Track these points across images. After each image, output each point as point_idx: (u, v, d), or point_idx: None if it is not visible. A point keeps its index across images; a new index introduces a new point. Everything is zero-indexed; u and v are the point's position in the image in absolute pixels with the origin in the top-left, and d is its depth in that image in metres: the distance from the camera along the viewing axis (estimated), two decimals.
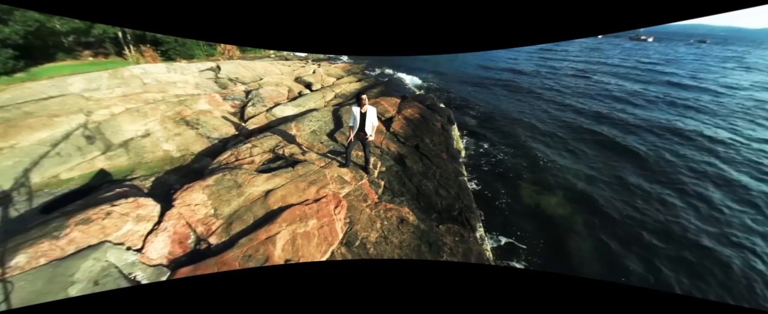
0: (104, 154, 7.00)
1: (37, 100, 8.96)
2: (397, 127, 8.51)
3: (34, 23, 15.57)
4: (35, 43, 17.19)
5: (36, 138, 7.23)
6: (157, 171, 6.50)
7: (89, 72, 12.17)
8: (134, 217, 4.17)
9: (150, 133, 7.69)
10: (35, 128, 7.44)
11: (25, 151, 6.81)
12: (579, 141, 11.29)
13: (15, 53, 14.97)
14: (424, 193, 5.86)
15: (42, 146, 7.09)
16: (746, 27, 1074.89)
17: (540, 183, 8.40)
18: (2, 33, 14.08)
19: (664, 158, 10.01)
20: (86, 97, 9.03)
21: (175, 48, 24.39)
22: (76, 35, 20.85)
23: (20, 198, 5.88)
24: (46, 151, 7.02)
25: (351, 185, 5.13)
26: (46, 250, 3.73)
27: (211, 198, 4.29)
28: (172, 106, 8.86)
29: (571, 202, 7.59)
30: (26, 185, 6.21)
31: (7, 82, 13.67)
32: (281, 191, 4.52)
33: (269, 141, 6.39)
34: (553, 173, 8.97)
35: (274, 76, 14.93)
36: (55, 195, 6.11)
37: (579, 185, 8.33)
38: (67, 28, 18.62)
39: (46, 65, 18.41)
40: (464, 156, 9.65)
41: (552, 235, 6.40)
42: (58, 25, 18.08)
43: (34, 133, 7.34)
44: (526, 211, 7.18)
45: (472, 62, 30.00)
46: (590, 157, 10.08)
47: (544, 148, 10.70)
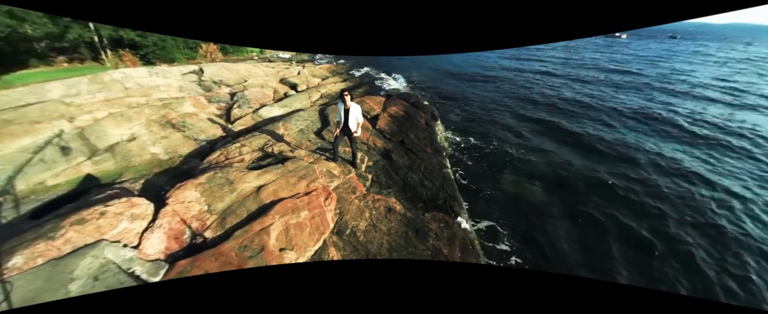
0: (90, 159, 6.98)
1: (15, 107, 8.78)
2: (383, 124, 8.78)
3: (4, 29, 15.05)
4: (6, 49, 16.60)
5: (18, 145, 7.14)
6: (145, 173, 6.55)
7: (66, 78, 11.92)
8: (129, 216, 4.28)
9: (136, 137, 7.69)
10: (16, 135, 7.34)
11: (7, 159, 6.73)
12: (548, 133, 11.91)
13: None
14: (410, 185, 6.15)
15: (25, 153, 7.01)
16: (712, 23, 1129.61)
17: (520, 173, 8.84)
18: None
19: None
20: (67, 103, 8.91)
21: (155, 51, 23.91)
22: (50, 40, 20.19)
23: (6, 205, 5.84)
24: (30, 158, 6.95)
25: (340, 179, 5.36)
26: (43, 251, 3.81)
27: (204, 195, 4.45)
28: (156, 109, 8.85)
29: (548, 190, 8.04)
30: (11, 193, 6.16)
31: None
32: (272, 186, 4.72)
33: (258, 140, 6.55)
34: (531, 163, 9.45)
35: (258, 78, 14.95)
36: (44, 201, 6.09)
37: (554, 173, 8.83)
38: (40, 33, 18.03)
39: (18, 72, 17.78)
40: (448, 149, 10.01)
41: (530, 219, 6.81)
42: (30, 30, 17.50)
43: (15, 140, 7.24)
44: (506, 198, 7.59)
45: (453, 59, 30.68)
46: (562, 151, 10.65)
47: (523, 141, 11.21)
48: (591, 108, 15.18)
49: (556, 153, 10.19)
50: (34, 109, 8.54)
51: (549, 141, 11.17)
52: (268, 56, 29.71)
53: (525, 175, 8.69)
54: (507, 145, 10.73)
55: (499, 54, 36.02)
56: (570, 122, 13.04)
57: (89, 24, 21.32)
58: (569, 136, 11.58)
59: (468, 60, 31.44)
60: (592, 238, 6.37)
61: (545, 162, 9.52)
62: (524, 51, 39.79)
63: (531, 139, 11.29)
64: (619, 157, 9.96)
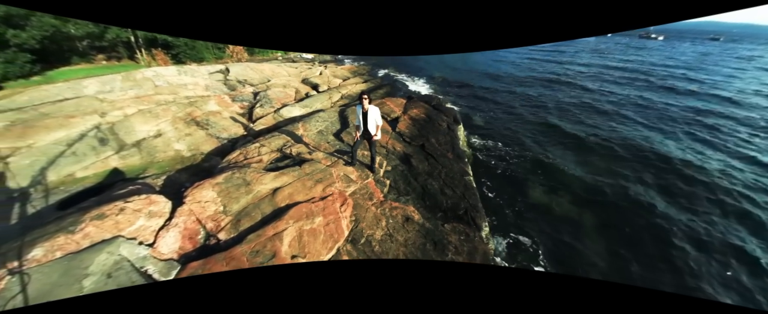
0: (117, 154, 7.19)
1: (53, 102, 9.25)
2: (403, 127, 8.55)
3: (50, 28, 16.05)
4: (51, 48, 17.73)
5: (52, 138, 7.46)
6: (168, 170, 6.65)
7: (103, 75, 12.51)
8: (146, 213, 4.28)
9: (161, 134, 7.87)
10: (52, 129, 7.69)
11: (41, 151, 7.03)
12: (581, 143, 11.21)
13: (32, 57, 15.47)
14: (429, 192, 5.88)
15: (58, 146, 7.31)
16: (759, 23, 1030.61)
17: (548, 184, 8.34)
18: (20, 38, 14.55)
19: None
20: (100, 99, 9.29)
21: (186, 51, 24.90)
22: (90, 39, 21.44)
23: (37, 195, 6.08)
24: (62, 150, 7.24)
25: (357, 184, 5.18)
26: (62, 244, 3.85)
27: (221, 196, 4.39)
28: (182, 107, 9.06)
29: (580, 204, 7.52)
30: (43, 183, 6.41)
31: (25, 85, 14.14)
32: (288, 189, 4.60)
33: (277, 140, 6.49)
34: (561, 174, 8.91)
35: (281, 78, 15.13)
36: (71, 192, 6.30)
37: (589, 188, 8.26)
38: (82, 32, 19.16)
39: (61, 69, 18.97)
40: (470, 155, 9.64)
41: (562, 237, 6.35)
42: (73, 30, 18.61)
43: (50, 133, 7.58)
44: (535, 213, 7.14)
45: (481, 60, 29.99)
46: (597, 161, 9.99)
47: (552, 148, 10.63)
48: (628, 117, 14.22)
49: (591, 164, 9.57)
50: (70, 103, 8.94)
51: (582, 152, 10.53)
52: (292, 57, 30.28)
53: (556, 188, 8.19)
54: (535, 153, 10.21)
55: (529, 56, 34.95)
56: (607, 131, 12.24)
57: None
58: (605, 147, 10.87)
59: (492, 63, 30.67)
60: (633, 265, 5.80)
61: (579, 174, 8.95)
62: (554, 53, 38.41)
63: (562, 149, 10.69)
64: (661, 169, 9.21)
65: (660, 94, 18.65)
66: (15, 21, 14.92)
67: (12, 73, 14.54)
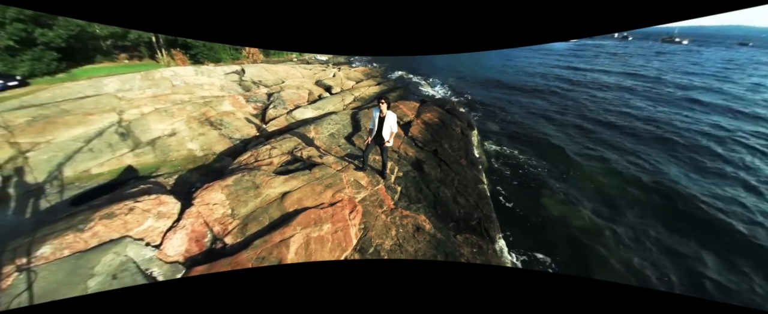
0: (132, 151, 7.28)
1: (74, 99, 9.49)
2: (416, 132, 8.39)
3: (75, 28, 16.63)
4: (76, 46, 18.37)
5: (71, 134, 7.62)
6: (180, 169, 6.68)
7: (124, 73, 12.84)
8: (155, 214, 4.25)
9: (176, 133, 7.94)
10: (71, 125, 7.86)
11: (60, 146, 7.18)
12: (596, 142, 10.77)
13: (58, 55, 16.04)
14: (441, 200, 5.68)
15: (76, 142, 7.46)
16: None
17: (567, 195, 8.01)
18: (47, 37, 15.10)
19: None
20: (119, 97, 9.48)
21: (204, 52, 25.43)
22: (114, 39, 22.14)
23: (52, 190, 6.18)
24: (80, 146, 7.38)
25: (367, 190, 5.04)
26: (71, 242, 3.84)
27: (229, 198, 4.32)
28: (197, 107, 9.15)
29: (601, 216, 7.18)
30: (59, 178, 6.53)
31: (50, 81, 14.66)
32: (297, 194, 4.49)
33: (288, 143, 6.43)
34: (580, 184, 8.55)
35: (295, 80, 15.20)
36: (85, 188, 6.39)
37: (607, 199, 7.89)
38: (106, 32, 19.82)
39: (85, 66, 19.62)
40: (485, 162, 9.38)
41: (583, 253, 6.04)
42: (98, 30, 19.24)
43: (69, 129, 7.74)
44: (554, 226, 6.84)
45: (494, 65, 29.55)
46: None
47: (574, 159, 10.24)
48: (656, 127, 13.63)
49: (615, 174, 9.16)
50: (90, 101, 9.16)
51: (604, 161, 10.10)
52: (307, 58, 30.54)
53: (575, 200, 7.85)
54: (554, 162, 9.85)
55: (546, 62, 34.22)
56: (629, 141, 11.74)
57: None
58: (627, 157, 10.41)
59: (505, 67, 30.16)
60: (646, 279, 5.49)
61: (599, 186, 8.57)
62: (571, 58, 37.49)
63: (584, 157, 10.29)
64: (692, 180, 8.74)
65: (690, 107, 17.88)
66: (43, 20, 15.52)
67: (39, 70, 15.11)
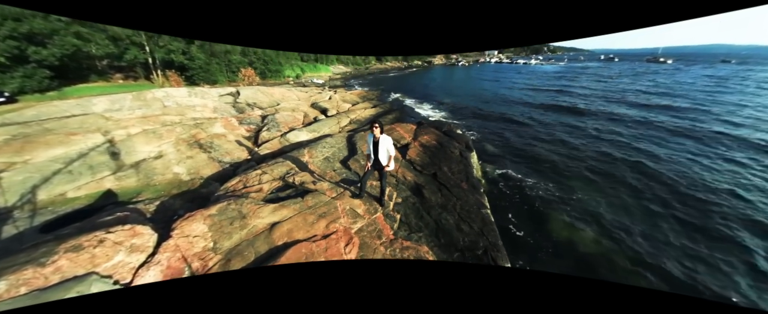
0: (114, 174, 6.86)
1: (60, 117, 9.14)
2: (414, 155, 8.14)
3: (71, 47, 16.56)
4: (71, 65, 18.23)
5: (50, 154, 7.21)
6: (163, 194, 6.25)
7: (116, 93, 12.58)
8: (128, 247, 3.82)
9: (163, 155, 7.57)
10: (52, 145, 7.46)
11: (37, 167, 6.75)
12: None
13: (50, 73, 15.83)
14: (443, 228, 5.32)
15: (55, 163, 7.03)
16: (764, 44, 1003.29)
17: (573, 217, 7.70)
18: (40, 54, 14.94)
19: None
20: (106, 117, 9.15)
21: (200, 73, 25.48)
22: (110, 59, 22.12)
23: (23, 214, 5.70)
24: (59, 168, 6.95)
25: (364, 219, 4.67)
26: (29, 278, 3.39)
27: (212, 230, 3.91)
28: (187, 128, 8.83)
29: (608, 239, 6.85)
30: (32, 202, 6.05)
31: (39, 99, 14.33)
32: (288, 224, 4.11)
33: (280, 168, 6.09)
34: (584, 207, 8.27)
35: (290, 102, 15.08)
36: (58, 213, 5.92)
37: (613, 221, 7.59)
38: (102, 52, 19.80)
39: (78, 85, 19.38)
40: (485, 185, 9.11)
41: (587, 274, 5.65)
42: (94, 50, 19.22)
43: (49, 149, 7.34)
44: (559, 248, 6.49)
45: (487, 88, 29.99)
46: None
47: (572, 180, 10.02)
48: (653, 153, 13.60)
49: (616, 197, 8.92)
50: (76, 120, 8.80)
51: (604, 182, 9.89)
52: (303, 81, 30.76)
53: (581, 222, 7.55)
54: (554, 183, 9.61)
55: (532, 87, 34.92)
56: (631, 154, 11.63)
57: (145, 46, 23.33)
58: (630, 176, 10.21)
59: (502, 89, 30.63)
60: None
61: (603, 209, 8.29)
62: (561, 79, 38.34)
63: (583, 181, 10.07)
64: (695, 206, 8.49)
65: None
66: (38, 38, 15.43)
67: (29, 87, 14.83)
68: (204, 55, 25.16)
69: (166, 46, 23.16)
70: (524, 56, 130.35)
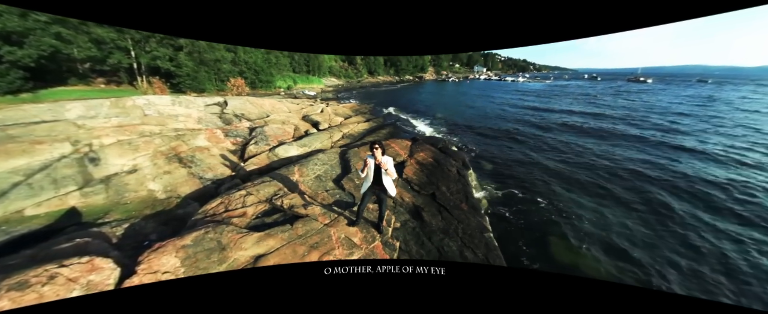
0: (80, 190, 6.19)
1: (27, 123, 8.40)
2: (410, 173, 7.76)
3: (48, 48, 15.71)
4: (49, 67, 17.30)
5: (10, 165, 6.48)
6: (134, 214, 5.62)
7: (93, 98, 11.83)
8: (83, 285, 3.23)
9: (137, 169, 6.93)
10: (12, 154, 6.73)
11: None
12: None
13: (24, 75, 14.92)
14: (446, 256, 4.89)
15: (14, 175, 6.32)
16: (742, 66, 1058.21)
17: (577, 239, 7.38)
18: (15, 55, 14.10)
19: None
20: (79, 125, 8.45)
21: (187, 81, 24.69)
22: (92, 63, 21.17)
23: None
24: (18, 181, 6.23)
25: (361, 249, 4.20)
26: None
27: (185, 265, 3.36)
28: (167, 140, 8.22)
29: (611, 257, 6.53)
30: None
31: (10, 101, 13.36)
32: (274, 257, 3.59)
33: (267, 188, 5.58)
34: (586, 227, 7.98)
35: (281, 114, 14.58)
36: (12, 235, 5.21)
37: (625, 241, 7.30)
38: (84, 55, 18.92)
39: (56, 88, 18.36)
40: (485, 205, 8.75)
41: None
42: (75, 52, 18.35)
43: (9, 159, 6.61)
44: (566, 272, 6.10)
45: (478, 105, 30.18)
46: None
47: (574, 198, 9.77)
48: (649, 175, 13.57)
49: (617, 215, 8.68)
50: (44, 127, 8.08)
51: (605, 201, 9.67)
52: (294, 92, 30.30)
53: (586, 243, 7.24)
54: (555, 204, 9.31)
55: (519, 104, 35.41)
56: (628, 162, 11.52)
57: (130, 51, 22.52)
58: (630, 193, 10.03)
59: (494, 106, 30.88)
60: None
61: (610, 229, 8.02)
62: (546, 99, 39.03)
63: (587, 198, 9.82)
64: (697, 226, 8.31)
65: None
66: (13, 38, 14.58)
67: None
68: (192, 62, 24.41)
69: (153, 51, 22.40)
70: (511, 74, 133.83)
